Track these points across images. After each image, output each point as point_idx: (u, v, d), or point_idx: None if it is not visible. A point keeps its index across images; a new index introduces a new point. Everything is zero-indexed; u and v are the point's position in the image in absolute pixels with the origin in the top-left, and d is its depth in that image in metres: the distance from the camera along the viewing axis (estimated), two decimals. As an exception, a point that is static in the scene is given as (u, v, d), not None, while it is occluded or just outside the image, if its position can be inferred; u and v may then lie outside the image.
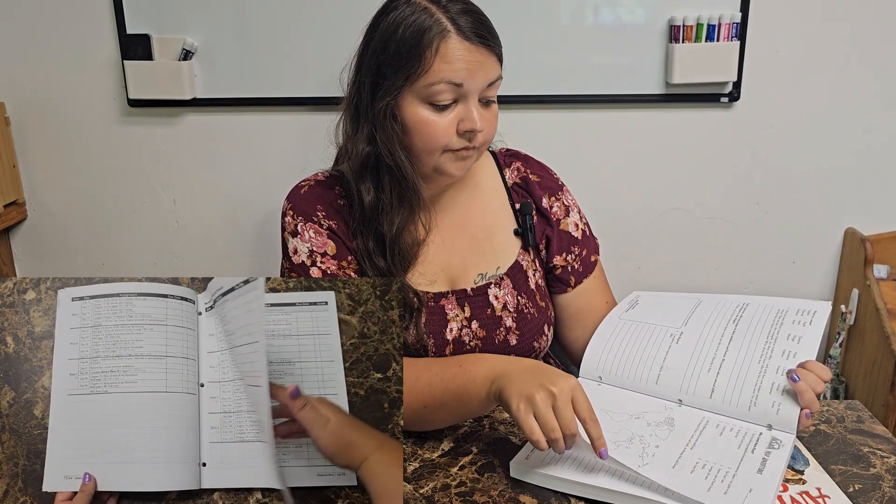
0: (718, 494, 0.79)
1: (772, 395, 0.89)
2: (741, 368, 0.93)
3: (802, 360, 0.91)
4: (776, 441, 0.87)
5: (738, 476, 0.82)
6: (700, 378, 0.94)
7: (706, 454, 0.86)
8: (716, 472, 0.83)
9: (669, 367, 0.96)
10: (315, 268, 1.04)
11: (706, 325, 1.00)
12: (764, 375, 0.91)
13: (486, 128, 1.00)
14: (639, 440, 0.88)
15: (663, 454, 0.86)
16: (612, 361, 1.00)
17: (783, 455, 0.85)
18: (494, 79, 0.99)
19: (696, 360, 0.96)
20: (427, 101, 0.97)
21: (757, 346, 0.95)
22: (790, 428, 0.88)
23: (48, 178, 1.77)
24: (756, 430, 0.89)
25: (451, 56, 0.95)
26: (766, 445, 0.86)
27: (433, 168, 1.02)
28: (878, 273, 1.67)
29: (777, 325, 0.97)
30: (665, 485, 0.80)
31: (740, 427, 0.89)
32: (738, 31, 1.57)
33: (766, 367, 0.92)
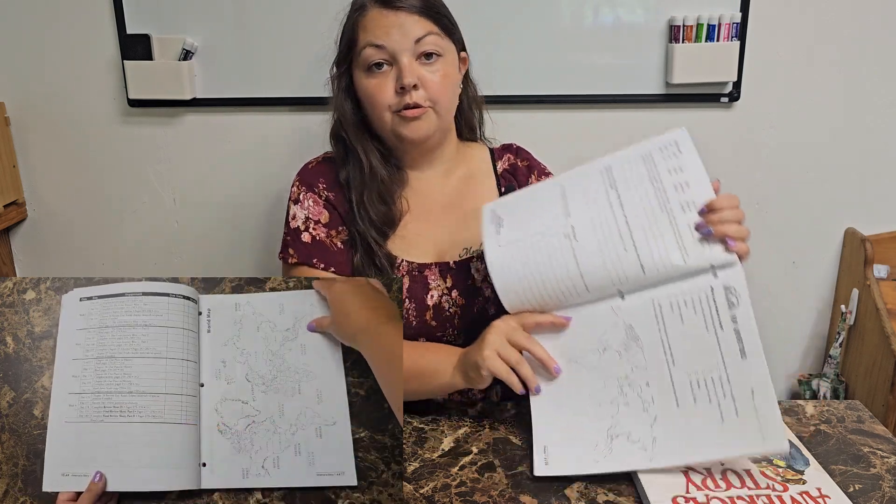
0: (733, 423, 0.83)
1: (694, 233, 0.88)
2: (651, 227, 0.89)
3: (693, 184, 0.90)
4: (731, 293, 0.86)
5: (732, 378, 0.84)
6: (623, 262, 0.89)
7: (689, 363, 0.86)
8: (712, 387, 0.84)
9: (587, 269, 0.91)
10: (306, 233, 1.13)
11: (589, 207, 0.93)
12: (675, 220, 0.88)
13: (430, 85, 1.08)
14: (629, 389, 0.89)
15: (661, 399, 0.87)
16: (533, 296, 0.94)
17: (746, 308, 0.85)
18: (420, 35, 1.07)
19: (607, 247, 0.90)
20: (364, 68, 1.09)
21: (649, 197, 0.90)
22: (729, 260, 0.87)
23: (48, 178, 1.77)
24: (706, 287, 0.87)
25: (369, 24, 1.08)
26: (727, 308, 0.85)
27: (391, 133, 1.11)
28: (878, 273, 1.67)
29: (651, 168, 0.92)
30: (684, 462, 0.85)
31: (691, 293, 0.87)
32: (738, 31, 1.57)
33: (672, 211, 0.89)
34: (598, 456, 0.88)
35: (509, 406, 1.06)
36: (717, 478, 0.85)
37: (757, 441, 0.83)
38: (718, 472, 0.86)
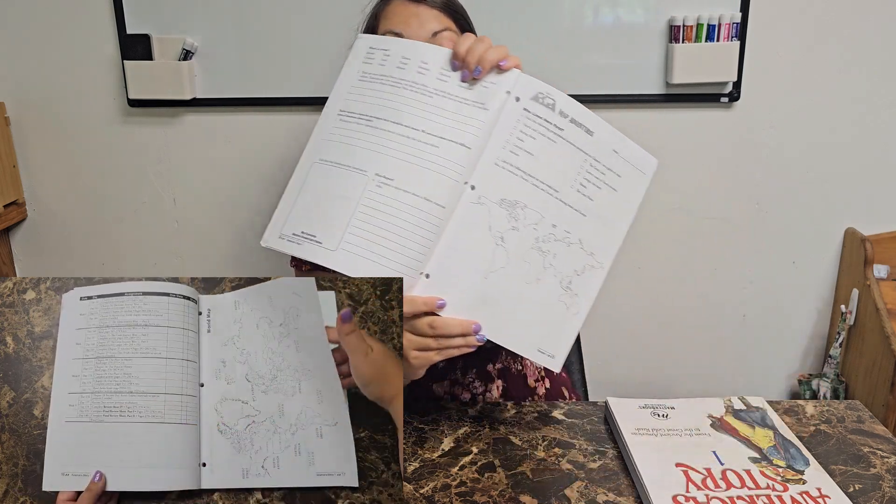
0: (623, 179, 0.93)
1: (471, 86, 0.90)
2: (439, 114, 0.89)
3: (428, 58, 0.91)
4: (541, 98, 0.89)
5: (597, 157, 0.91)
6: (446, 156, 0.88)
7: (566, 180, 0.90)
8: (593, 177, 0.91)
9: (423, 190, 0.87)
10: None
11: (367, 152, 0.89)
12: (449, 92, 0.90)
13: None
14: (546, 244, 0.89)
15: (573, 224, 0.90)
16: (407, 251, 0.87)
17: (563, 98, 0.89)
18: (437, 29, 1.08)
19: (422, 159, 0.88)
20: None
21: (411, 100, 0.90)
22: (513, 77, 0.90)
23: (48, 178, 1.77)
24: (519, 113, 0.88)
25: (390, 13, 1.10)
26: (551, 111, 0.89)
27: None
28: (878, 273, 1.67)
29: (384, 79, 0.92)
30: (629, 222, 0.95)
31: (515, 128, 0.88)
32: (738, 31, 1.57)
33: (439, 90, 0.90)
34: (574, 309, 0.90)
35: (509, 406, 1.06)
36: (717, 478, 0.85)
37: (641, 176, 0.97)
38: (718, 472, 0.86)
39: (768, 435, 0.93)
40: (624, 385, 1.86)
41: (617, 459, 0.92)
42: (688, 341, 1.85)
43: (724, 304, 1.81)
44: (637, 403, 0.99)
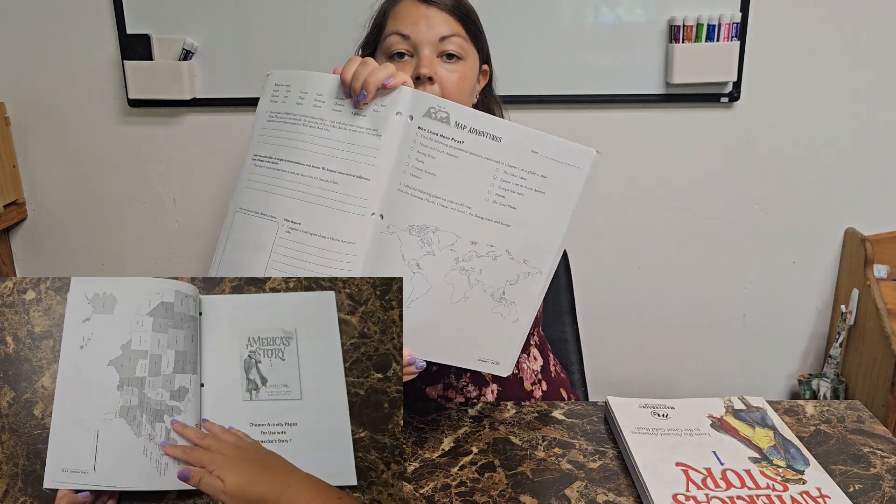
0: (550, 181, 0.84)
1: (362, 112, 0.86)
2: (336, 146, 0.86)
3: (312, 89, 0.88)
4: (433, 112, 0.84)
5: (512, 163, 0.84)
6: (349, 190, 0.86)
7: (476, 192, 0.84)
8: (510, 184, 0.84)
9: (330, 229, 0.86)
10: None
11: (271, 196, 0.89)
12: (345, 122, 0.86)
13: (446, 83, 1.07)
14: (467, 262, 0.86)
15: (494, 236, 0.85)
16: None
17: (455, 108, 0.84)
18: (446, 34, 1.07)
19: (326, 199, 0.87)
20: (387, 55, 1.09)
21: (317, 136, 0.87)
22: (400, 94, 0.86)
23: (48, 178, 1.77)
24: (414, 132, 0.85)
25: (399, 13, 1.08)
26: (445, 124, 0.84)
27: None
28: (878, 273, 1.67)
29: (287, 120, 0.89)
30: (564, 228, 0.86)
31: (412, 147, 0.85)
32: (738, 31, 1.57)
33: (322, 121, 0.87)
34: (512, 317, 0.88)
35: (509, 406, 1.06)
36: (717, 478, 0.85)
37: (575, 172, 0.84)
38: (718, 472, 0.86)
39: (768, 435, 0.93)
40: (624, 385, 1.86)
41: (617, 459, 0.92)
42: (688, 341, 1.85)
43: (724, 304, 1.81)
44: (637, 403, 0.99)
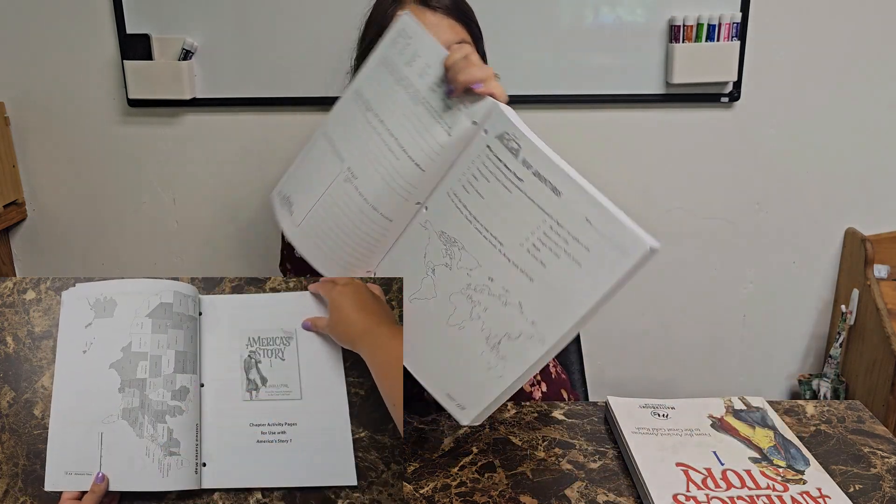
0: (589, 259, 0.75)
1: (447, 103, 0.82)
2: (414, 125, 0.83)
3: (433, 63, 0.83)
4: (507, 139, 0.78)
5: (561, 221, 0.76)
6: (400, 171, 0.84)
7: (514, 234, 0.78)
8: (550, 242, 0.76)
9: (375, 199, 0.85)
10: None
11: (355, 139, 0.88)
12: (430, 104, 0.83)
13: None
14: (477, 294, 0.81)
15: (512, 283, 0.79)
16: (350, 256, 0.89)
17: (532, 146, 0.77)
18: (454, 41, 1.03)
19: (382, 167, 0.85)
20: None
21: (402, 99, 0.84)
22: (485, 106, 0.81)
23: (48, 178, 1.77)
24: (482, 149, 0.80)
25: None
26: (513, 157, 0.78)
27: None
28: (878, 273, 1.67)
29: (393, 69, 0.86)
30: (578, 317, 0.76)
31: (473, 164, 0.80)
32: (738, 31, 1.57)
33: (425, 99, 0.83)
34: (498, 371, 0.80)
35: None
36: (717, 478, 0.85)
37: (621, 258, 0.76)
38: (718, 472, 0.86)
39: (768, 435, 0.92)
40: (624, 385, 1.86)
41: (617, 459, 0.92)
42: (688, 341, 1.85)
43: (724, 304, 1.81)
44: (637, 403, 0.99)
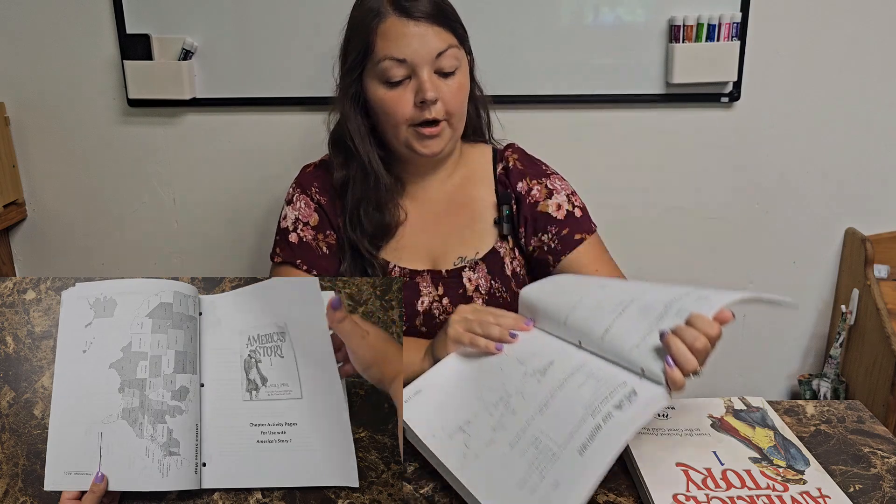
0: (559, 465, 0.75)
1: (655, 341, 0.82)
2: (644, 312, 0.84)
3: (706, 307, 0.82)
4: (631, 398, 0.78)
5: (560, 459, 0.76)
6: (596, 320, 0.87)
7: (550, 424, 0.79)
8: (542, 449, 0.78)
9: (579, 307, 0.89)
10: (294, 234, 1.16)
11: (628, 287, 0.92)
12: (661, 321, 0.83)
13: (448, 99, 1.05)
14: (494, 408, 0.84)
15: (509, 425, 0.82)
16: (542, 304, 0.94)
17: (626, 421, 0.76)
18: (442, 49, 1.03)
19: (606, 304, 0.88)
20: (381, 79, 1.05)
21: (660, 299, 0.85)
22: (657, 376, 0.79)
23: (48, 178, 1.77)
24: (621, 378, 0.81)
25: (389, 34, 1.02)
26: (615, 405, 0.78)
27: (403, 144, 1.08)
28: (878, 273, 1.67)
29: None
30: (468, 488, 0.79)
31: (608, 375, 0.82)
32: (738, 31, 1.57)
33: (665, 314, 0.83)
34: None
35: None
36: (717, 478, 0.85)
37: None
38: (718, 472, 0.86)
39: (768, 435, 0.92)
40: (624, 385, 1.86)
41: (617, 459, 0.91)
42: (688, 341, 1.84)
43: (724, 304, 1.81)
44: (637, 404, 0.99)
